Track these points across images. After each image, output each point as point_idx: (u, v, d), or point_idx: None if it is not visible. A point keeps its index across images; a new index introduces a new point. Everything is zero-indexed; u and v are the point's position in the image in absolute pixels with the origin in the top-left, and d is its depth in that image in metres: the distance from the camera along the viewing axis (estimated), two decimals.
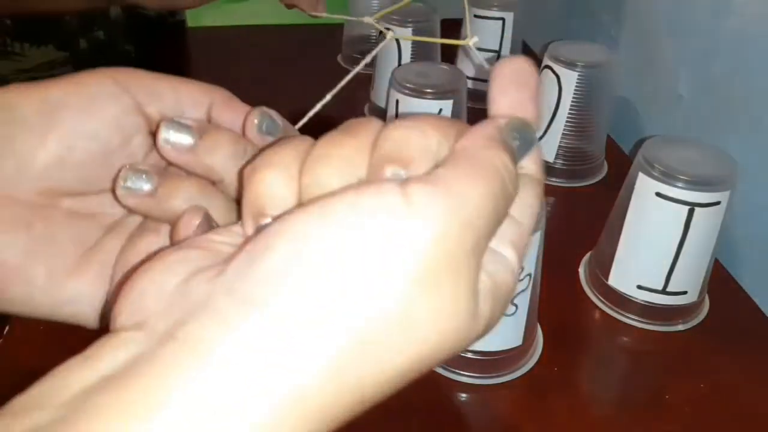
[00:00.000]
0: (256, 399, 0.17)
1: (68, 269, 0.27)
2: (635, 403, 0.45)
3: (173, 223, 0.26)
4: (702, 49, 0.65)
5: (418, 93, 0.56)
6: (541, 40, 0.94)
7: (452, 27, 0.82)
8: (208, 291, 0.19)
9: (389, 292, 0.18)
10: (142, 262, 0.21)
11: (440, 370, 0.46)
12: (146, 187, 0.26)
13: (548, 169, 0.66)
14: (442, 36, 0.76)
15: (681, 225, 0.47)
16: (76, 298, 0.27)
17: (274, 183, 0.22)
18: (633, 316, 0.51)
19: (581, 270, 0.56)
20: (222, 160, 0.27)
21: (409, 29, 0.70)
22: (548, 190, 0.70)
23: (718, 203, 0.46)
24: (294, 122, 0.30)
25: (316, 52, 0.90)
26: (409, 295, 0.18)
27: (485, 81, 0.84)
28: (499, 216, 0.21)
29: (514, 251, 0.22)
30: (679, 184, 0.46)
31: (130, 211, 0.28)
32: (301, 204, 0.21)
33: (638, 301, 0.50)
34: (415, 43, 0.71)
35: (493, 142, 0.21)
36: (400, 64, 0.71)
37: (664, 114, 0.73)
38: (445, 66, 0.61)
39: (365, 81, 0.76)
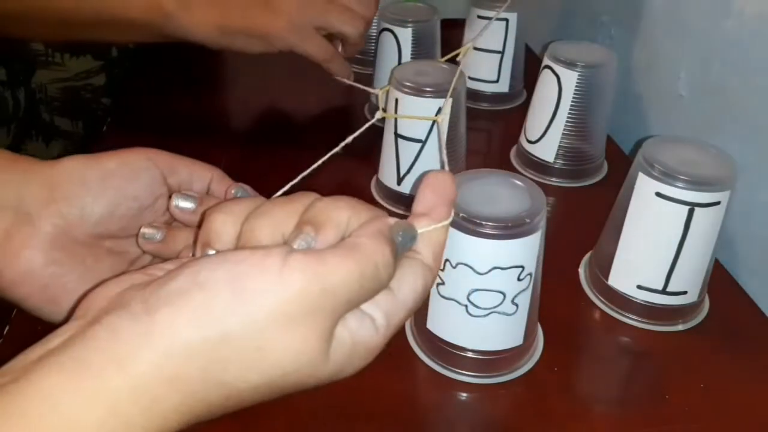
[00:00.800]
0: (142, 366, 0.25)
1: None
2: (635, 403, 0.45)
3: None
4: (702, 49, 0.65)
5: (417, 92, 0.56)
6: (541, 40, 0.94)
7: (450, 27, 0.82)
8: (132, 297, 0.27)
9: (251, 322, 0.26)
10: (107, 279, 0.30)
11: (440, 369, 0.46)
12: (158, 237, 0.37)
13: (548, 169, 0.66)
14: (442, 34, 0.76)
15: (681, 225, 0.47)
16: None
17: (222, 224, 0.31)
18: (633, 316, 0.51)
19: (581, 270, 0.56)
20: None
21: (409, 29, 0.70)
22: (548, 190, 0.70)
23: (718, 203, 0.46)
24: (292, 124, 0.34)
25: None
26: (267, 329, 0.26)
27: (487, 82, 0.84)
28: (366, 290, 0.28)
29: (385, 317, 0.29)
30: (679, 184, 0.46)
31: (147, 253, 0.38)
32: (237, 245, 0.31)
33: (638, 301, 0.50)
34: (415, 42, 0.71)
35: (380, 235, 0.29)
36: (400, 63, 0.71)
37: (664, 114, 0.73)
38: (444, 65, 0.61)
39: (365, 81, 0.76)
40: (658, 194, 0.47)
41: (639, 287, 0.50)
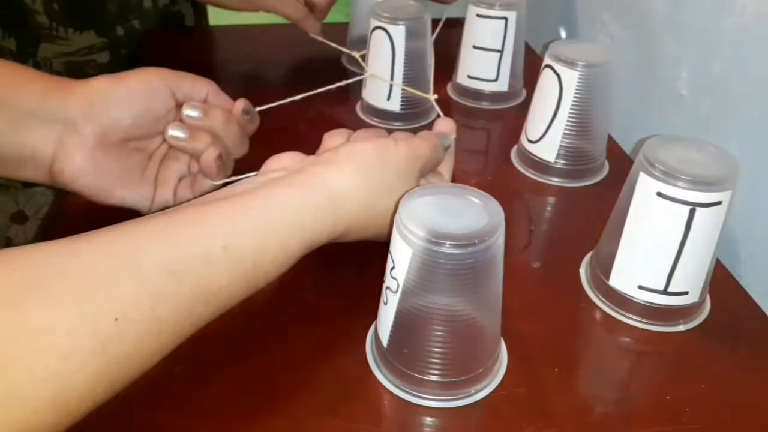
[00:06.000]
0: (333, 185, 0.45)
1: (136, 181, 0.53)
2: (636, 404, 0.45)
3: (197, 156, 0.54)
4: (703, 49, 0.65)
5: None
6: (542, 40, 0.94)
7: (449, 26, 0.82)
8: (315, 161, 0.47)
9: (387, 171, 0.47)
10: (277, 155, 0.50)
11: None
12: (183, 135, 0.53)
13: (549, 169, 0.66)
14: (442, 33, 0.75)
15: (682, 225, 0.47)
16: (142, 197, 0.53)
17: (335, 139, 0.52)
18: (634, 317, 0.51)
19: (582, 270, 0.56)
20: (217, 124, 0.54)
21: (402, 27, 0.70)
22: (549, 190, 0.69)
23: (719, 203, 0.46)
24: (292, 122, 0.44)
25: (319, 52, 0.90)
26: (394, 175, 0.48)
27: (486, 80, 0.84)
28: (431, 163, 0.52)
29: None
30: (681, 184, 0.46)
31: (175, 148, 0.54)
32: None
33: (639, 301, 0.50)
34: (408, 40, 0.70)
35: (435, 137, 0.54)
36: (394, 62, 0.71)
37: (665, 113, 0.73)
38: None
39: (359, 80, 0.76)
40: (659, 194, 0.47)
41: (640, 287, 0.50)
